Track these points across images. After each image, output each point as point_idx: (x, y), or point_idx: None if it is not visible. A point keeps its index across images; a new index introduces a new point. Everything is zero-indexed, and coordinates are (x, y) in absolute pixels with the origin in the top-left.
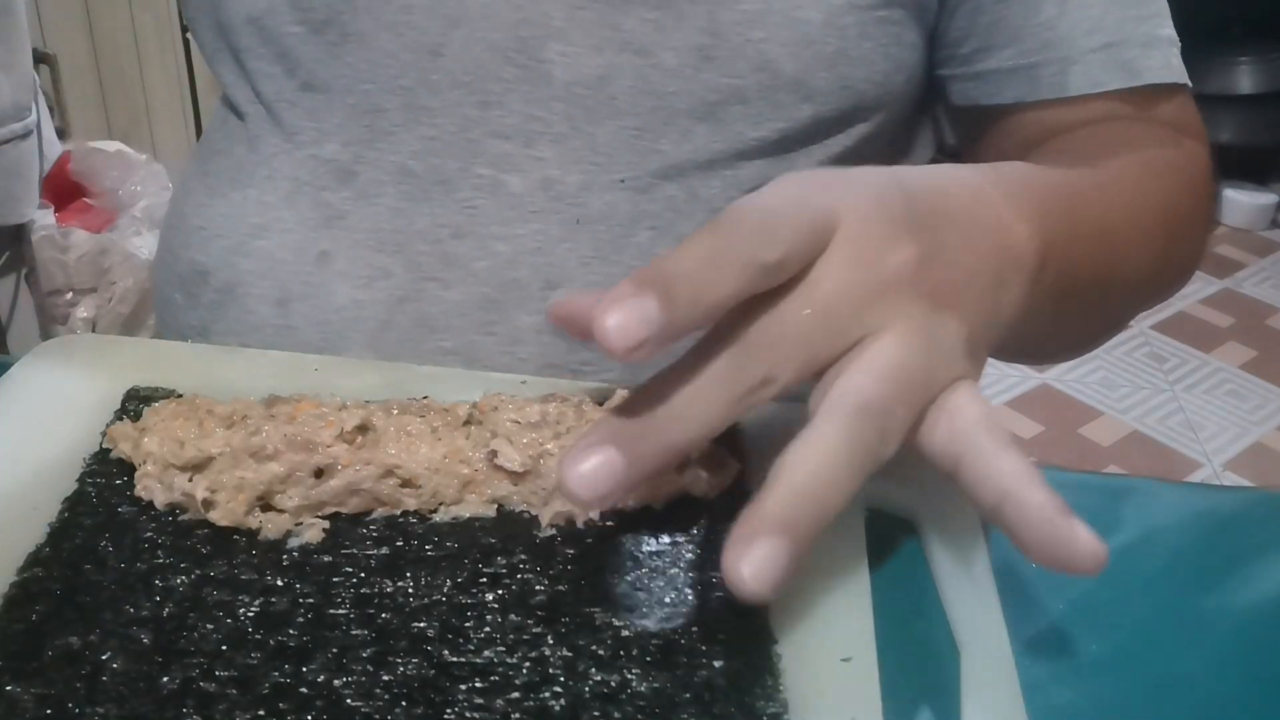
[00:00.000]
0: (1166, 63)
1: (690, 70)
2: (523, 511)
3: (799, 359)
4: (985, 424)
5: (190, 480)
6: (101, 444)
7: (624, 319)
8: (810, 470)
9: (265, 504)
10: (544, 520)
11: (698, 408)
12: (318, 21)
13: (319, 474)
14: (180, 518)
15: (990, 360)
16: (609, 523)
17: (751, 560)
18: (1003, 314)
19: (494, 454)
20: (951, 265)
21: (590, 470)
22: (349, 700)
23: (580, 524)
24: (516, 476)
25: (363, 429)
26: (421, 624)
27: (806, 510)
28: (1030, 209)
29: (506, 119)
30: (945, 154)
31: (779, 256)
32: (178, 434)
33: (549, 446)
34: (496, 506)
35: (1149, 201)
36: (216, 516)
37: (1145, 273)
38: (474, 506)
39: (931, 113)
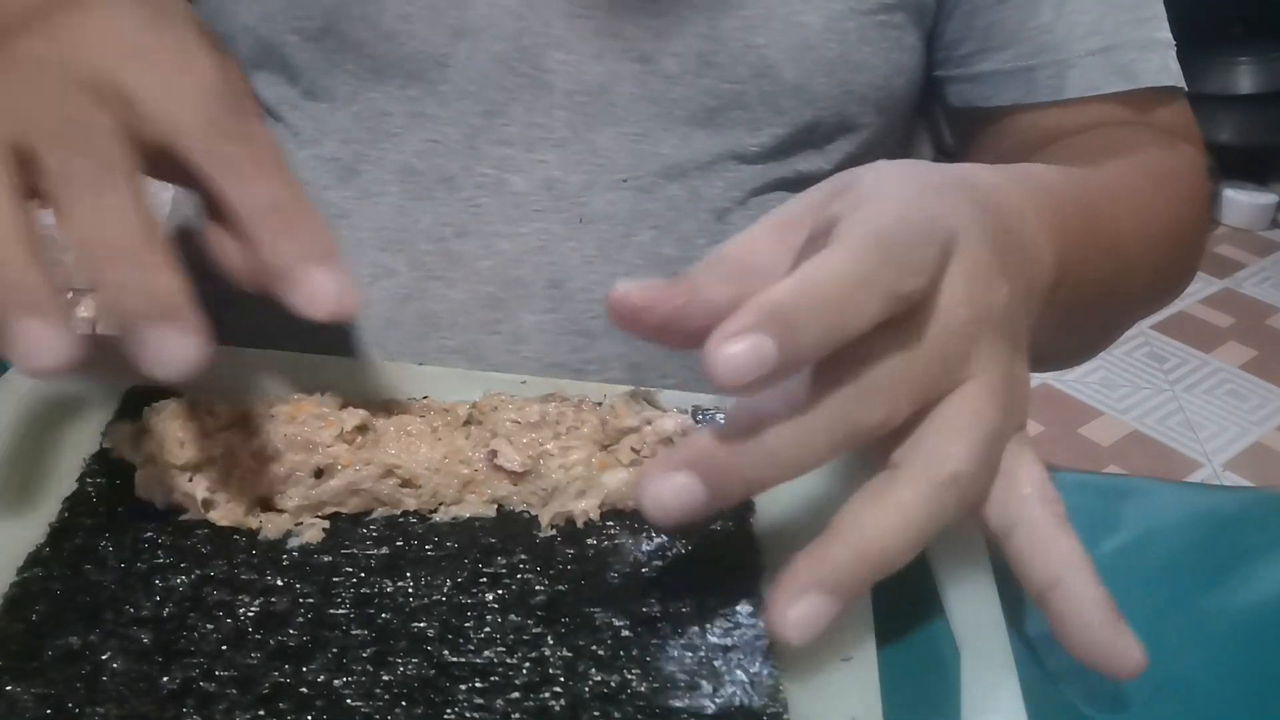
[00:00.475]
0: (1164, 66)
1: (691, 76)
2: (522, 512)
3: (915, 400)
4: (1041, 494)
5: (190, 480)
6: (101, 444)
7: (738, 356)
8: (882, 535)
9: (265, 504)
10: (544, 520)
11: (802, 451)
12: (314, 30)
13: (319, 474)
14: (180, 518)
15: None
16: (609, 523)
17: (798, 612)
18: (1029, 331)
19: (494, 454)
20: (1019, 298)
21: (670, 494)
22: (349, 700)
23: (580, 524)
24: (516, 477)
25: (363, 429)
26: (421, 624)
27: (866, 575)
28: (1052, 222)
29: (509, 127)
30: (944, 155)
31: (919, 287)
32: (178, 434)
33: (549, 446)
34: (496, 506)
35: (1155, 211)
36: (216, 516)
37: (1148, 282)
38: (474, 506)
39: (930, 115)
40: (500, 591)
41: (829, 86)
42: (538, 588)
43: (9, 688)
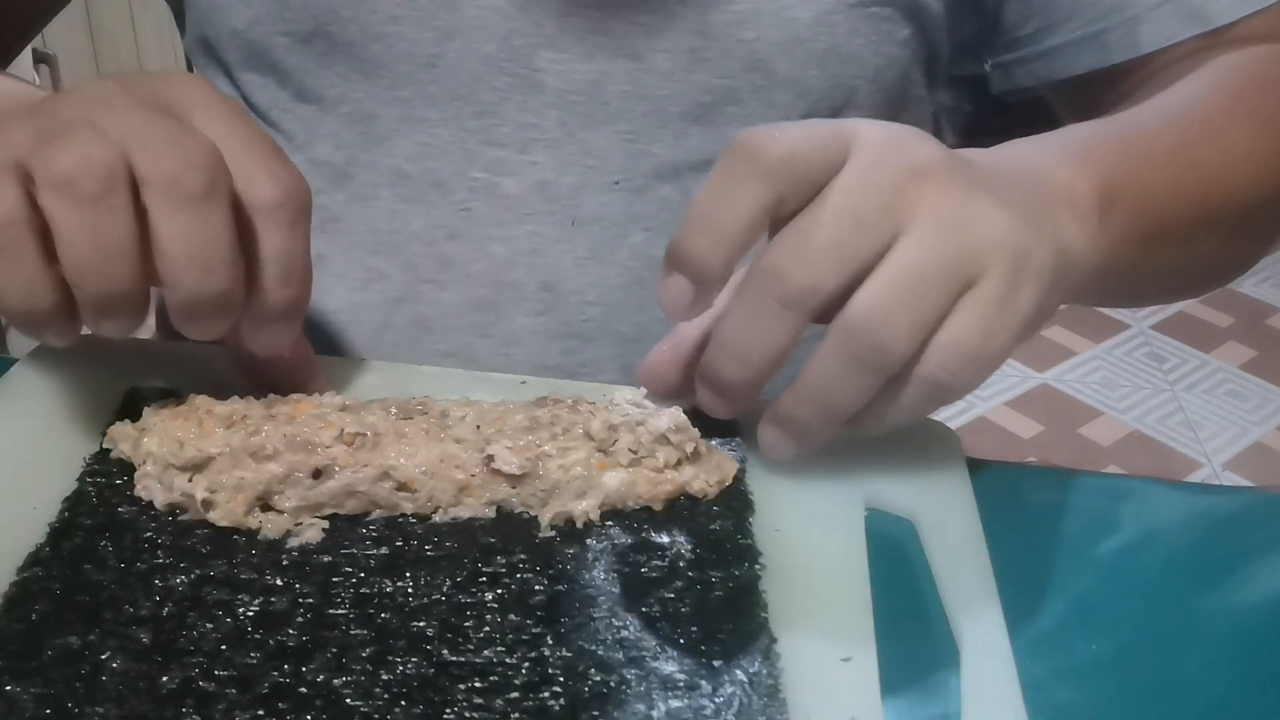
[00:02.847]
0: None
1: (682, 72)
2: (521, 512)
3: (833, 265)
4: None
5: (190, 480)
6: (101, 444)
7: (667, 303)
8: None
9: (264, 504)
10: (544, 521)
11: (751, 342)
12: (304, 32)
13: (317, 475)
14: (180, 518)
15: None
16: (609, 523)
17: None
18: (1069, 250)
19: (491, 458)
20: (984, 172)
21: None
22: (348, 700)
23: (580, 524)
24: (515, 479)
25: (361, 431)
26: (421, 623)
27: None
28: (1076, 157)
29: (501, 127)
30: None
31: (784, 152)
32: (177, 434)
33: (546, 448)
34: (495, 507)
35: (1243, 121)
36: (216, 516)
37: (1260, 191)
38: (473, 508)
39: (928, 111)
40: (500, 591)
41: (821, 79)
42: (537, 587)
43: (9, 687)
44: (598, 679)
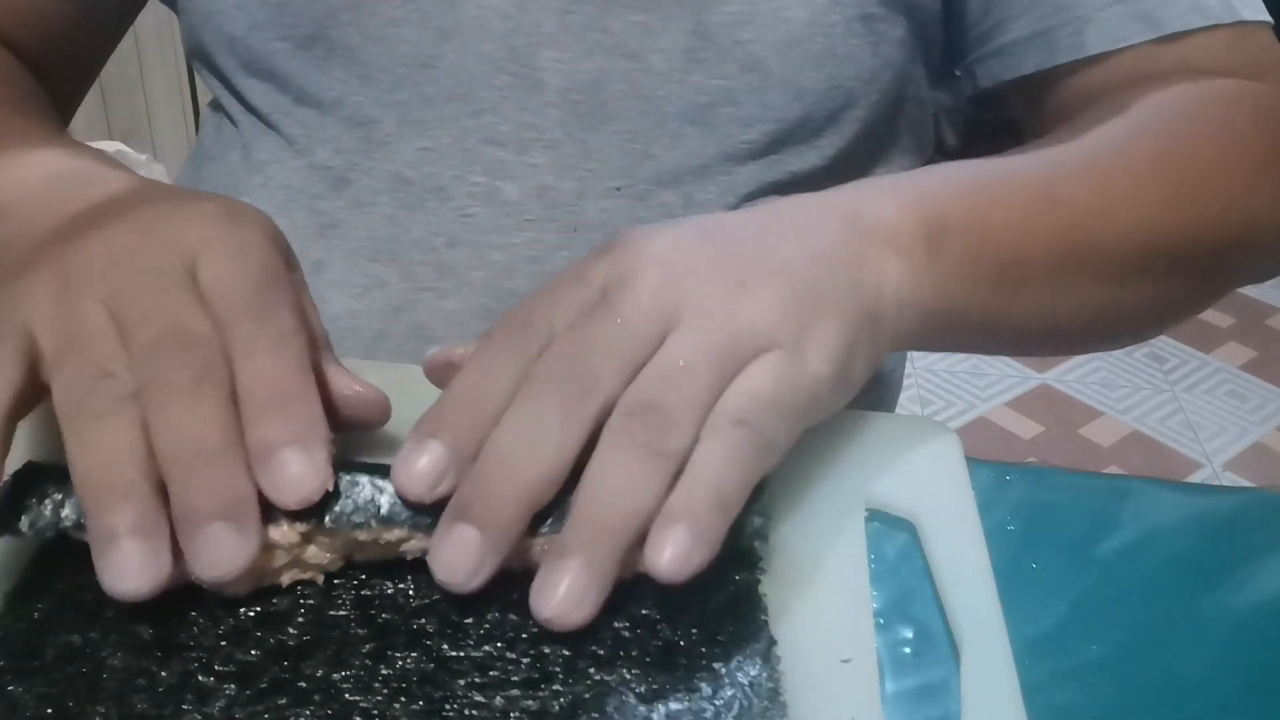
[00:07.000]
0: (1195, 6)
1: (679, 73)
2: None
3: (612, 370)
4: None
5: None
6: None
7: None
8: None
9: None
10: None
11: (526, 454)
12: (303, 37)
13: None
14: None
15: (989, 360)
16: None
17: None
18: (886, 290)
19: None
20: (765, 250)
21: (458, 560)
22: (348, 695)
23: None
24: None
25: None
26: (421, 620)
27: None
28: (905, 193)
29: (501, 126)
30: (944, 154)
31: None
32: None
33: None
34: None
35: (1136, 162)
36: None
37: (1146, 233)
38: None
39: (928, 111)
40: (500, 586)
41: (817, 81)
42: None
43: (10, 688)
44: (597, 679)
